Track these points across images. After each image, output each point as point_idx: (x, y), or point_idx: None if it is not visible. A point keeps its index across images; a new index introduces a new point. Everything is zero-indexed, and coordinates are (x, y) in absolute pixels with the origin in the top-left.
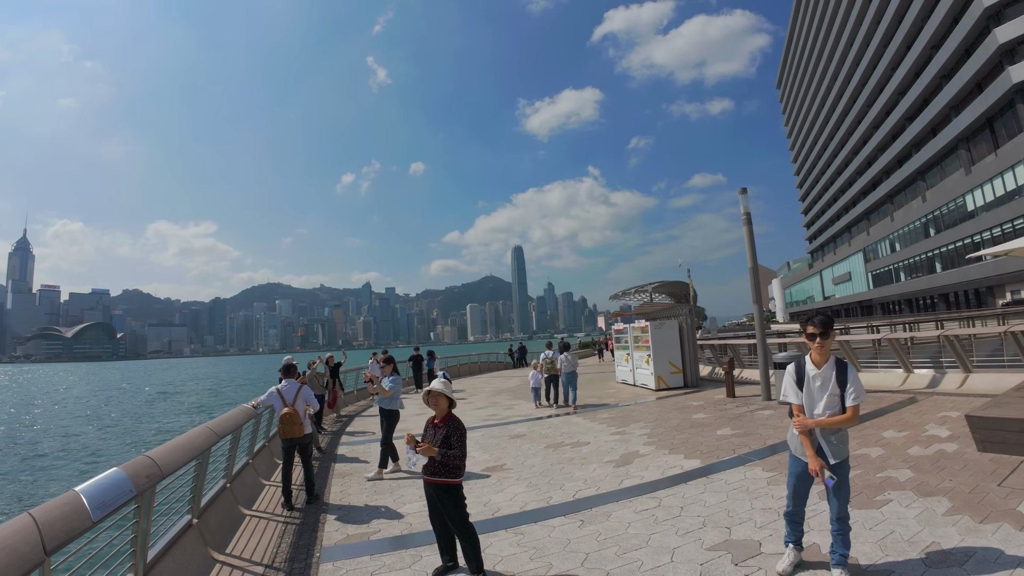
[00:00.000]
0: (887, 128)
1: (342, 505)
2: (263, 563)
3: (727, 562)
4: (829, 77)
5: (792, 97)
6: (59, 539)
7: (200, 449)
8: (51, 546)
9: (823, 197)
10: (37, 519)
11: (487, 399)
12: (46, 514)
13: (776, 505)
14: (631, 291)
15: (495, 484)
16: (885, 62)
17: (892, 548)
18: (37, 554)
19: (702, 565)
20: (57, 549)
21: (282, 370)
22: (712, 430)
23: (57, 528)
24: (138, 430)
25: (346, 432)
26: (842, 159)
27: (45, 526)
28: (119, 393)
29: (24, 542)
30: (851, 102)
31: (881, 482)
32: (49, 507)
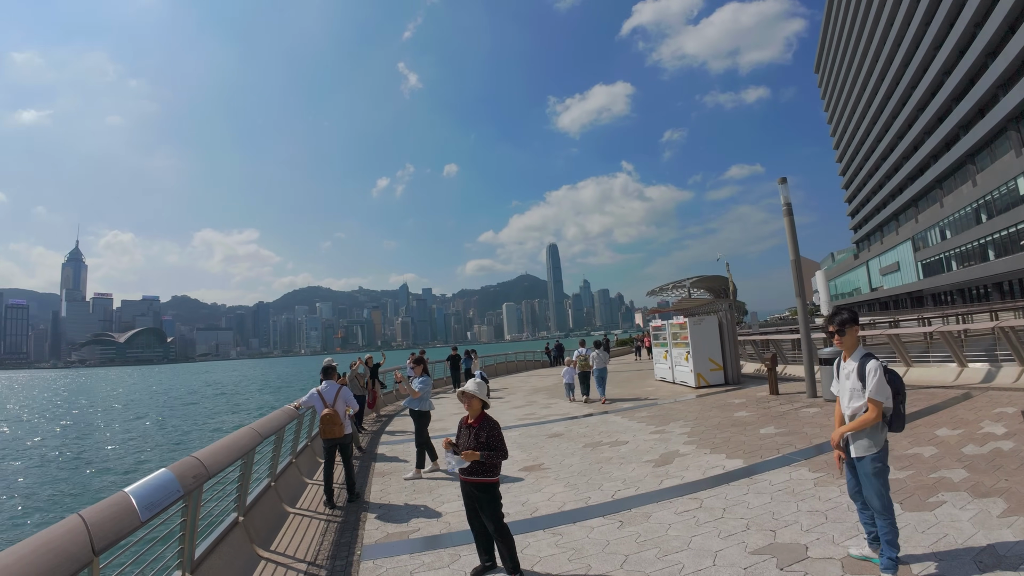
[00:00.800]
0: (933, 110)
1: (382, 504)
2: (306, 560)
3: (772, 566)
4: (870, 59)
5: (831, 81)
6: (108, 539)
7: (245, 449)
8: (100, 546)
9: (868, 184)
10: (86, 520)
11: (524, 398)
12: (95, 515)
13: (823, 507)
14: (668, 287)
15: (533, 484)
16: (927, 41)
17: (945, 551)
18: (85, 554)
19: (745, 569)
20: (106, 549)
21: (322, 372)
22: (755, 429)
23: (106, 528)
24: (192, 429)
25: (385, 432)
26: (887, 144)
27: (94, 526)
28: (180, 395)
29: (73, 543)
30: (894, 84)
31: (934, 483)
32: (99, 508)
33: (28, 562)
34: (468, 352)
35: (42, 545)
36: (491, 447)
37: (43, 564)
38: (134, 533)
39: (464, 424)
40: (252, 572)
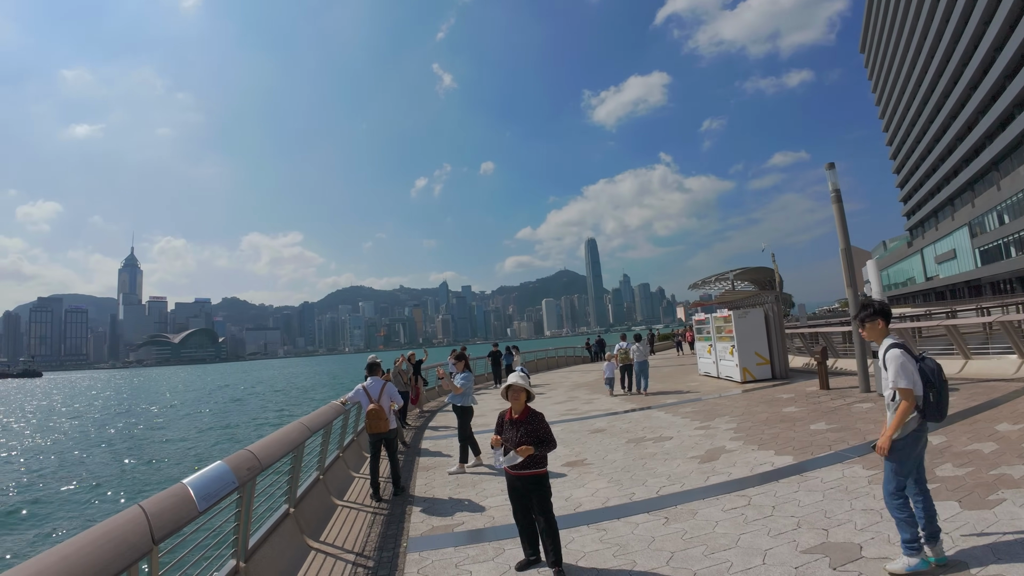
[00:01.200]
0: (986, 88)
1: (427, 497)
2: (354, 551)
3: (824, 566)
4: (918, 36)
5: (878, 61)
6: (167, 528)
7: (295, 443)
8: (159, 535)
9: (920, 168)
10: (147, 510)
11: (565, 393)
12: (155, 505)
13: (878, 506)
14: (711, 279)
15: (576, 479)
16: (978, 14)
17: (1004, 551)
18: (145, 543)
19: (796, 569)
20: (165, 538)
21: (367, 368)
22: (805, 424)
23: (165, 518)
24: (246, 424)
25: (429, 427)
26: (939, 124)
27: (154, 516)
28: (237, 392)
29: (133, 532)
30: (944, 61)
31: (994, 480)
32: (158, 499)
33: (91, 550)
34: (509, 348)
35: (104, 534)
36: (542, 440)
37: (105, 552)
38: (191, 523)
39: (507, 419)
40: (303, 562)
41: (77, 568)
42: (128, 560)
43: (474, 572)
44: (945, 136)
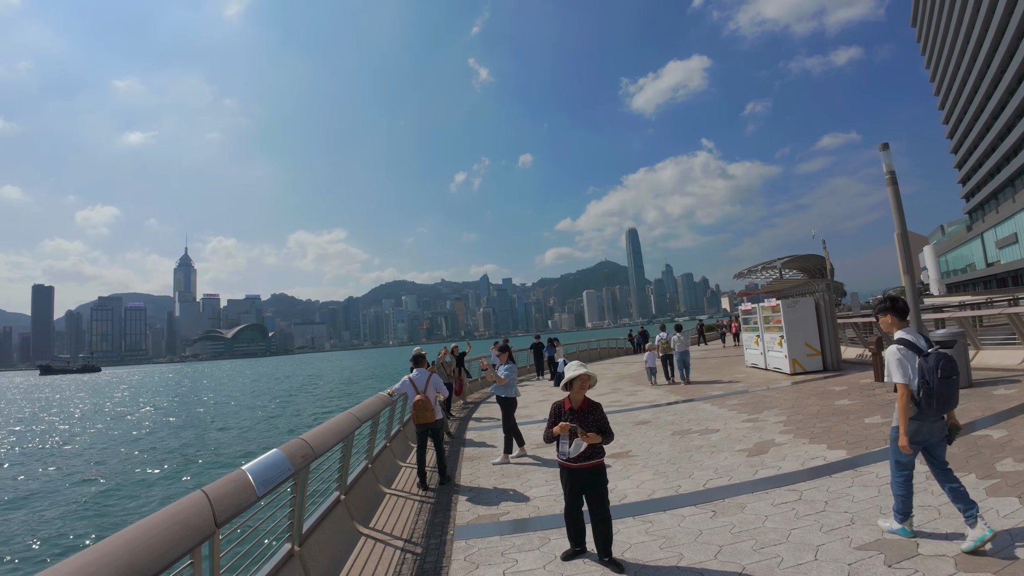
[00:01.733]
0: None
1: (472, 487)
2: (403, 537)
3: (879, 563)
4: (971, 6)
5: (931, 35)
6: (228, 512)
7: (345, 432)
8: (221, 519)
9: (979, 146)
10: (209, 495)
11: (608, 385)
12: (217, 490)
13: (936, 502)
14: (758, 268)
15: (620, 471)
16: None
17: None
18: (208, 526)
19: (850, 565)
20: (226, 522)
21: (412, 360)
22: (859, 418)
23: (226, 503)
24: (299, 414)
25: (472, 418)
26: (997, 100)
27: (216, 501)
28: (295, 383)
29: (198, 515)
30: (999, 33)
31: None
32: (220, 484)
33: (157, 532)
34: (551, 340)
35: (170, 517)
36: (603, 429)
37: (171, 534)
38: (250, 508)
39: (565, 409)
40: (353, 547)
41: (144, 549)
42: (192, 543)
43: (520, 560)
44: (1004, 112)
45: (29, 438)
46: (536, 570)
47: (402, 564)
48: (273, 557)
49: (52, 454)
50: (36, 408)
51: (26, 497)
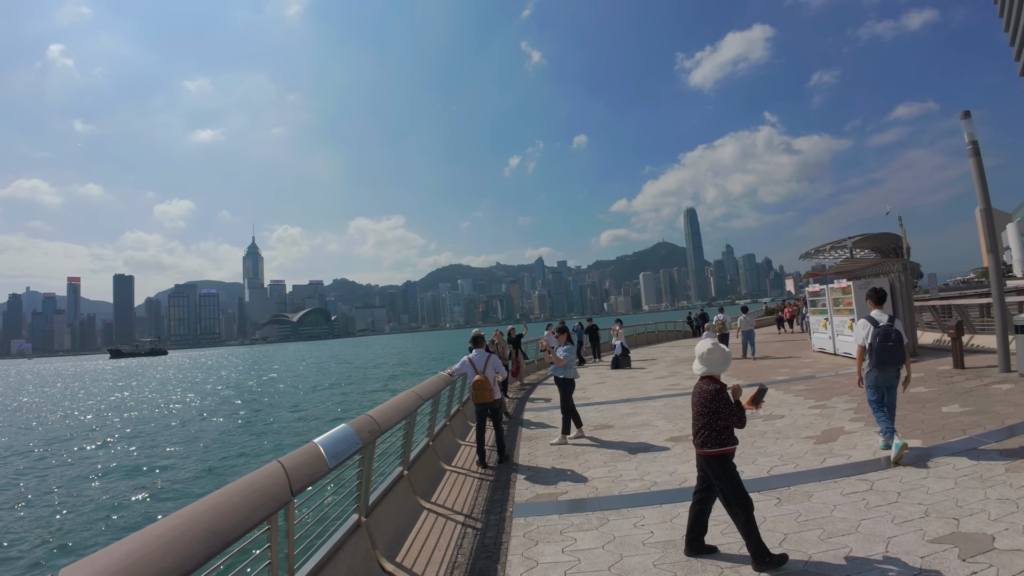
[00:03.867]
0: None
1: (530, 466)
2: (463, 512)
3: (952, 557)
4: None
5: None
6: (302, 482)
7: (409, 410)
8: (296, 488)
9: None
10: (285, 465)
11: (667, 368)
12: (292, 461)
13: (1015, 495)
14: (826, 248)
15: (680, 455)
16: None
17: None
18: (285, 495)
19: (923, 559)
20: (301, 491)
21: (472, 341)
22: (935, 406)
23: (301, 473)
24: (363, 392)
25: (529, 399)
26: None
27: (291, 471)
28: (357, 364)
29: (275, 484)
30: None
31: None
32: (295, 455)
33: (239, 499)
34: (618, 319)
35: (250, 485)
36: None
37: (251, 501)
38: (322, 479)
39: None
40: (416, 520)
41: (227, 514)
42: (270, 509)
43: (579, 540)
44: None
45: (119, 416)
46: (595, 549)
47: (463, 538)
48: (342, 526)
49: (137, 433)
50: (137, 389)
51: (115, 468)
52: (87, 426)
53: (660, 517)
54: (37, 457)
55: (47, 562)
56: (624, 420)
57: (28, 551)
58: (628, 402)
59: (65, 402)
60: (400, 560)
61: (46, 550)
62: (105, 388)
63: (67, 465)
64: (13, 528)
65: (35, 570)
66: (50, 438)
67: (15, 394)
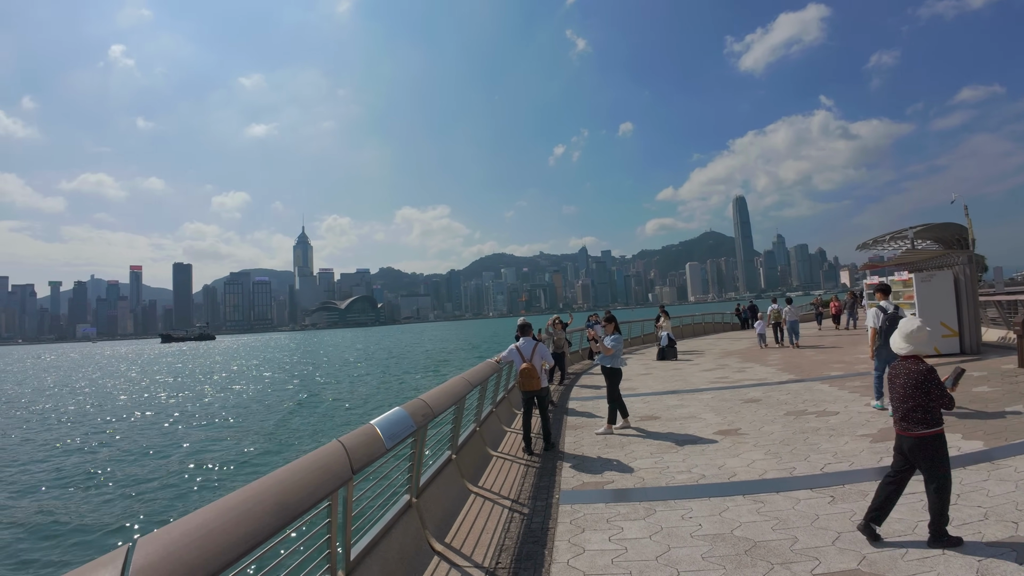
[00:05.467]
0: None
1: (576, 455)
2: (510, 497)
3: (1010, 560)
4: None
5: None
6: (362, 461)
7: (459, 395)
8: (356, 467)
9: None
10: (345, 445)
11: (714, 361)
12: (351, 440)
13: None
14: (885, 238)
15: (729, 448)
16: None
17: None
18: (346, 472)
19: (980, 562)
20: (360, 470)
21: (519, 329)
22: (999, 406)
23: (360, 453)
24: (409, 378)
25: (575, 386)
26: None
27: (351, 450)
28: (403, 351)
29: (337, 462)
30: None
31: None
32: (354, 435)
33: (304, 475)
34: (663, 307)
35: (314, 462)
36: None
37: (315, 477)
38: (378, 459)
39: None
40: (464, 503)
41: (294, 489)
42: (333, 486)
43: (625, 529)
44: None
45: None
46: (642, 539)
47: (510, 522)
48: (394, 506)
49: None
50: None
51: (181, 446)
52: (153, 406)
53: (708, 510)
54: (100, 432)
55: (126, 530)
56: (670, 412)
57: (109, 521)
58: (674, 394)
59: (123, 384)
60: (449, 541)
61: (124, 519)
62: (164, 370)
63: (132, 442)
64: (94, 499)
65: (115, 535)
66: (110, 418)
67: (93, 377)
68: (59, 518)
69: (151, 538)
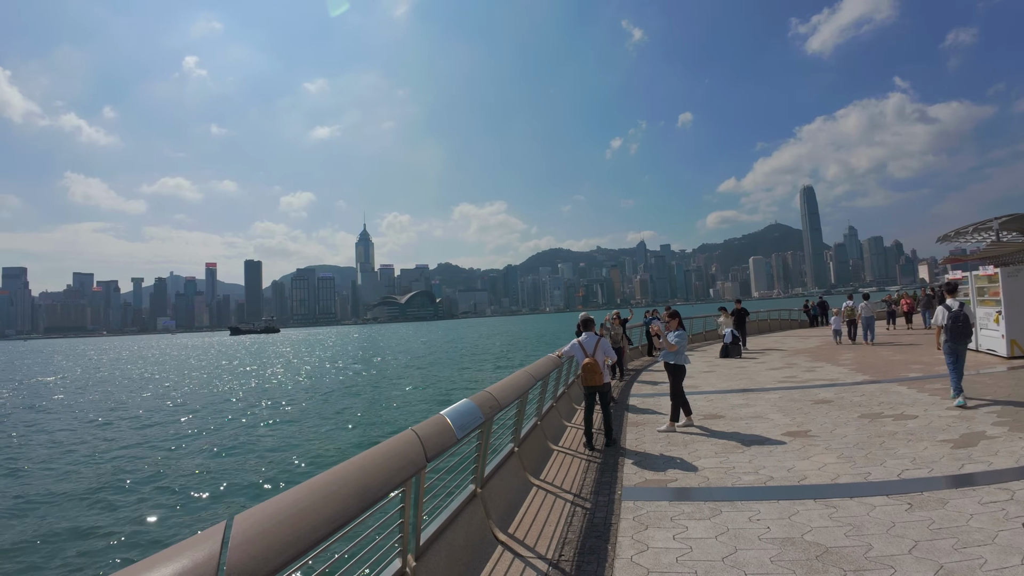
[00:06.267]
0: None
1: (637, 451)
2: (571, 492)
3: None
4: None
5: None
6: (434, 450)
7: (523, 389)
8: (430, 455)
9: None
10: (419, 434)
11: (782, 359)
12: (424, 430)
13: None
14: (968, 229)
15: (799, 451)
16: None
17: None
18: (421, 460)
19: None
20: (433, 459)
21: (582, 324)
22: None
23: (433, 442)
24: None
25: (636, 382)
26: None
27: (425, 439)
28: (466, 345)
29: (412, 450)
30: None
31: None
32: (426, 425)
33: (383, 461)
34: (739, 302)
35: (391, 450)
36: None
37: (393, 464)
38: (448, 449)
39: None
40: (526, 495)
41: (374, 474)
42: (409, 473)
43: (690, 528)
44: None
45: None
46: (707, 539)
47: (572, 516)
48: (460, 495)
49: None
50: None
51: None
52: (241, 394)
53: (777, 513)
54: (194, 417)
55: (222, 506)
56: (736, 411)
57: (205, 498)
58: (739, 392)
59: (200, 373)
60: (512, 531)
61: (219, 496)
62: (244, 360)
63: (227, 425)
64: (193, 477)
65: (212, 508)
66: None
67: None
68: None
69: (247, 515)
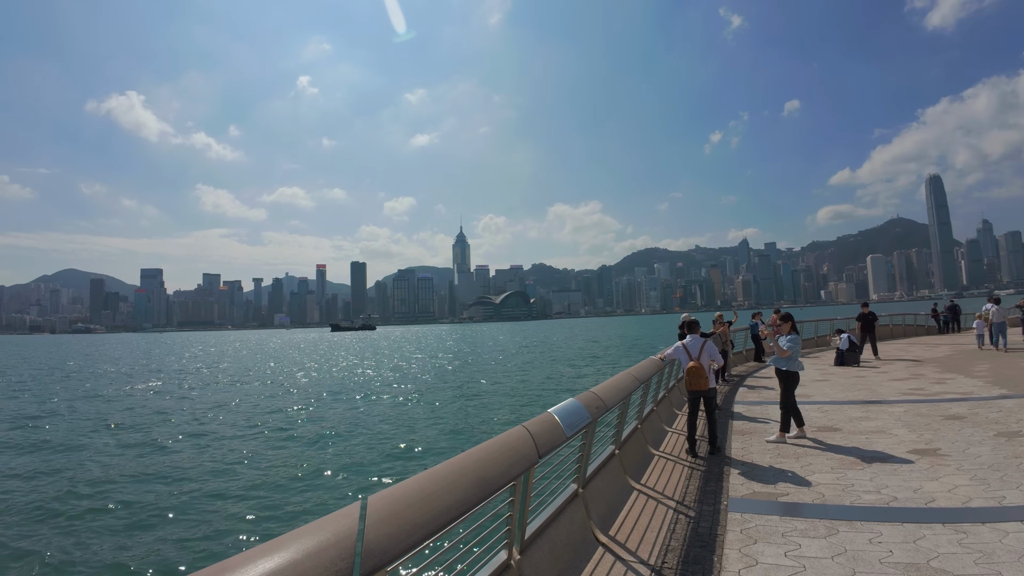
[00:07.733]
0: None
1: (744, 461)
2: (674, 499)
3: None
4: None
5: None
6: (545, 447)
7: (626, 391)
8: (542, 452)
9: None
10: (531, 431)
11: (906, 370)
12: (535, 427)
13: None
14: None
15: (927, 470)
16: None
17: None
18: (533, 456)
19: None
20: (544, 455)
21: (686, 326)
22: None
23: (543, 439)
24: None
25: (742, 387)
26: None
27: (536, 436)
28: (565, 346)
29: (525, 446)
30: None
31: None
32: (537, 422)
33: (499, 455)
34: (867, 304)
35: (505, 444)
36: None
37: (507, 458)
38: (558, 446)
39: None
40: (626, 498)
41: (491, 466)
42: (522, 468)
43: (803, 546)
44: None
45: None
46: (823, 559)
47: (675, 524)
48: (563, 494)
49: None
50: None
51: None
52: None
53: (901, 536)
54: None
55: (356, 487)
56: (853, 424)
57: (339, 480)
58: (859, 404)
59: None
60: (613, 534)
61: (351, 479)
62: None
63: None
64: (330, 459)
65: (347, 486)
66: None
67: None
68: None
69: (380, 495)
